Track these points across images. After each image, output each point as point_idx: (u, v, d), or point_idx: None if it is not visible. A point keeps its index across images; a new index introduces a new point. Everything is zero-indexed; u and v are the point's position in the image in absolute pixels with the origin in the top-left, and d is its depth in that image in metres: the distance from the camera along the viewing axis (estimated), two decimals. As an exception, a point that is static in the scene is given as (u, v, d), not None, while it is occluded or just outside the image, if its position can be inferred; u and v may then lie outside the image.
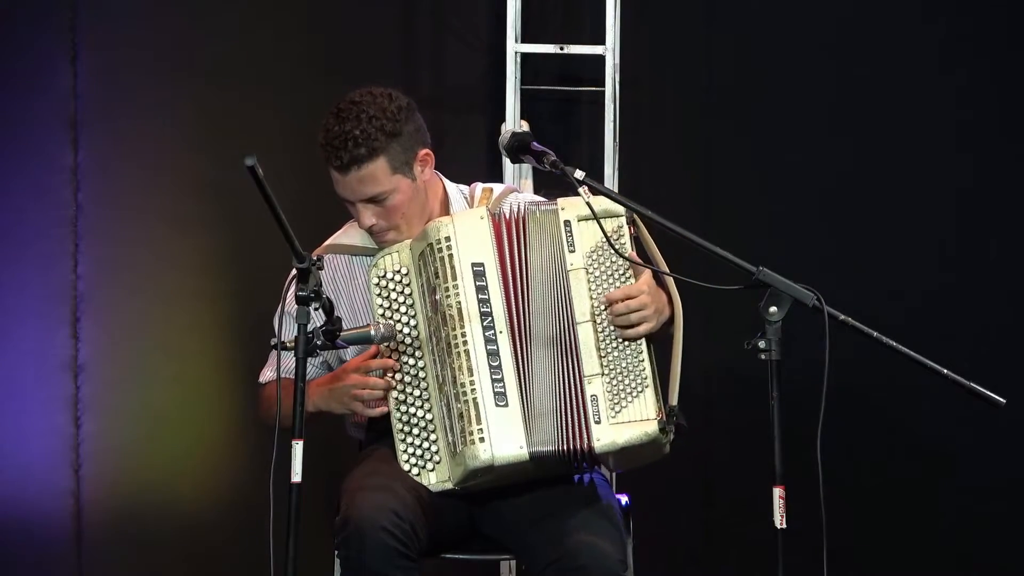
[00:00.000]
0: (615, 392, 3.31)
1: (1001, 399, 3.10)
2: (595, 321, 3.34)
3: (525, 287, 3.35)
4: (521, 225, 3.38)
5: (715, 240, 3.14)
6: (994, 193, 4.92)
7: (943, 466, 4.89)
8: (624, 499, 3.49)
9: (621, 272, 3.37)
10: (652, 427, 3.29)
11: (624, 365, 3.32)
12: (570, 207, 3.38)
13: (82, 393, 4.74)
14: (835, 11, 4.92)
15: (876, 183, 4.92)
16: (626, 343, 3.33)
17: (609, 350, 3.33)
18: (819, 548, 3.02)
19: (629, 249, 3.35)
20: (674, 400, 3.31)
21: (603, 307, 3.34)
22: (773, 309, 3.04)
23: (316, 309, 3.06)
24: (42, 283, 4.74)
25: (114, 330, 4.77)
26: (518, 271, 3.36)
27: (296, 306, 3.04)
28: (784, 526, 3.00)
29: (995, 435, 4.78)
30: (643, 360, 3.33)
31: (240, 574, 4.64)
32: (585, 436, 3.28)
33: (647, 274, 3.36)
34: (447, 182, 3.62)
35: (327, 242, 3.63)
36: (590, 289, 3.35)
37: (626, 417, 3.30)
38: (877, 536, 4.90)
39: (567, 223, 3.37)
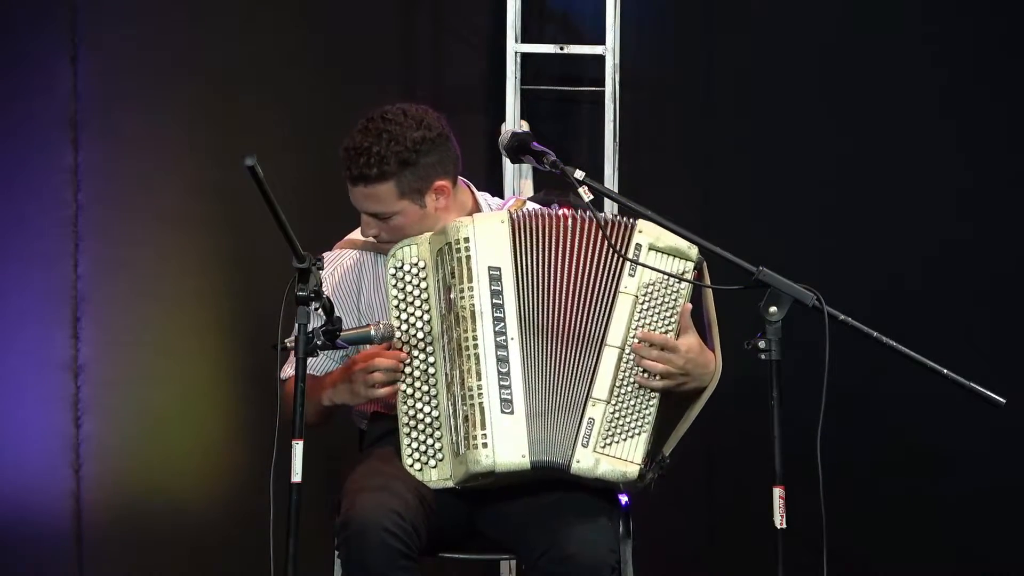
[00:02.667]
0: (613, 425, 3.30)
1: (1001, 399, 3.10)
2: (623, 350, 3.31)
3: (552, 292, 3.33)
4: (580, 227, 3.34)
5: (715, 240, 3.14)
6: (993, 193, 4.92)
7: (943, 466, 4.89)
8: (624, 499, 3.49)
9: (669, 317, 3.33)
10: (632, 471, 3.29)
11: (632, 403, 3.31)
12: (648, 232, 3.30)
13: (82, 393, 4.74)
14: (834, 10, 4.93)
15: (876, 183, 4.92)
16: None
17: (624, 383, 3.31)
18: (819, 548, 3.02)
19: (686, 296, 3.33)
20: (668, 450, 3.32)
21: (636, 342, 3.31)
22: (773, 309, 3.03)
23: (316, 309, 3.07)
24: (42, 283, 4.74)
25: (114, 330, 4.77)
26: (543, 276, 3.33)
27: (298, 305, 3.05)
28: (784, 526, 3.00)
29: (994, 436, 4.78)
30: (652, 405, 3.31)
31: (240, 574, 4.63)
32: (568, 452, 3.28)
33: (691, 337, 3.34)
34: (480, 196, 3.60)
35: (349, 236, 3.63)
36: (632, 319, 3.31)
37: (613, 452, 3.29)
38: (877, 536, 4.90)
39: (639, 246, 3.33)
